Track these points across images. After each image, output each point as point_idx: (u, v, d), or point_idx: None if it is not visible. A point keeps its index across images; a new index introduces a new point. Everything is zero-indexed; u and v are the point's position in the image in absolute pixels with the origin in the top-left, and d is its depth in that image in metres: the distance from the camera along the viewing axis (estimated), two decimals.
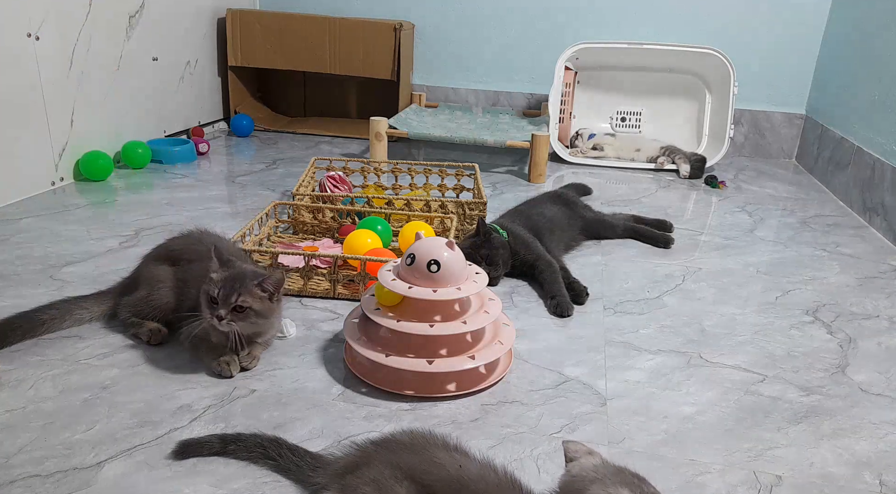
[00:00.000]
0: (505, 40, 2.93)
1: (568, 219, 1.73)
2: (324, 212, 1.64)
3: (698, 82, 2.72)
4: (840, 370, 1.22)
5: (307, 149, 2.58)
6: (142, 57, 2.29)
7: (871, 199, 2.08)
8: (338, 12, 2.84)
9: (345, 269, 1.38)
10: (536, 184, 2.29)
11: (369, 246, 1.42)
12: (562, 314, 1.35)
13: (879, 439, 1.03)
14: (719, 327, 1.36)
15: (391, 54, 2.68)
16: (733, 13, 2.75)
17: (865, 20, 2.35)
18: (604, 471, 0.66)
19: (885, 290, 1.58)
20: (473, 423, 1.00)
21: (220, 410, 0.99)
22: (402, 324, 1.04)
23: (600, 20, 2.83)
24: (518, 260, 1.50)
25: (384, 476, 0.72)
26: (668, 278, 1.58)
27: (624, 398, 1.09)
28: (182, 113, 2.57)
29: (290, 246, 1.57)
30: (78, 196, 1.90)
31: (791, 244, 1.85)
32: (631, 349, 1.25)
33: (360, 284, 1.36)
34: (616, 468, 0.68)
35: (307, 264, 1.35)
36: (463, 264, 1.09)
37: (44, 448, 0.88)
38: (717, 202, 2.23)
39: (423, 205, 1.68)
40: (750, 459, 0.96)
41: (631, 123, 2.81)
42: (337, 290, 1.36)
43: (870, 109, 2.20)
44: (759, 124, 2.88)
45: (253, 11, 2.80)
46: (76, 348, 1.12)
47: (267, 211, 1.58)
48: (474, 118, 2.78)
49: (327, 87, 3.05)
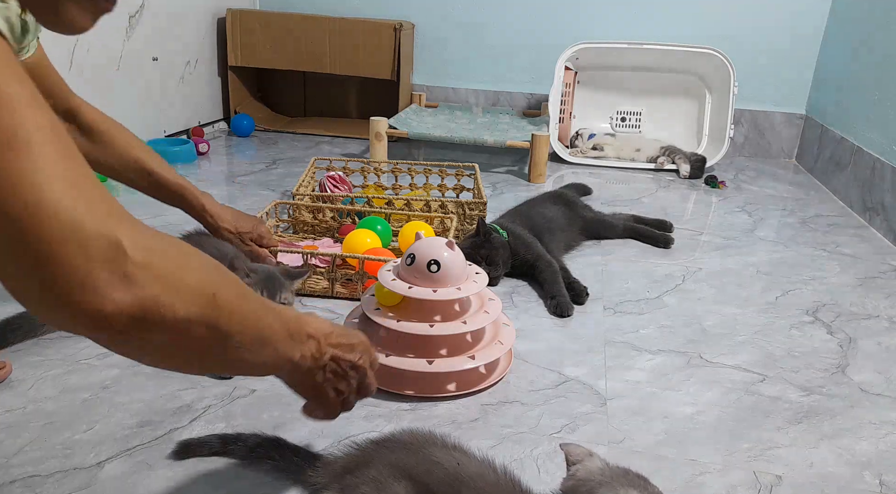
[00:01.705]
0: (505, 40, 2.93)
1: (568, 219, 1.73)
2: (324, 212, 1.64)
3: (698, 82, 2.72)
4: (840, 370, 1.22)
5: (307, 149, 2.58)
6: (142, 57, 2.29)
7: (871, 199, 2.08)
8: (338, 12, 2.84)
9: (343, 268, 1.38)
10: (536, 184, 2.29)
11: (368, 245, 1.42)
12: (562, 314, 1.35)
13: (879, 439, 1.03)
14: (719, 327, 1.36)
15: (391, 54, 2.68)
16: (733, 13, 2.75)
17: (865, 20, 2.35)
18: (610, 474, 0.67)
19: (885, 290, 1.58)
20: (473, 423, 1.00)
21: (220, 410, 0.99)
22: (402, 324, 1.04)
23: (600, 20, 2.83)
24: (518, 260, 1.50)
25: (383, 476, 0.73)
26: (668, 278, 1.58)
27: (624, 398, 1.09)
28: (182, 113, 2.57)
29: (290, 244, 1.57)
30: None
31: (791, 244, 1.85)
32: (631, 349, 1.25)
33: (359, 283, 1.36)
34: (621, 470, 0.68)
35: (305, 263, 1.35)
36: (463, 264, 1.09)
37: (44, 448, 0.88)
38: (717, 202, 2.23)
39: (423, 205, 1.68)
40: (750, 459, 0.96)
41: (631, 123, 2.81)
42: (335, 289, 1.36)
43: (870, 109, 2.20)
44: (759, 124, 2.88)
45: (253, 11, 2.80)
46: (76, 348, 1.12)
47: (267, 210, 1.58)
48: (474, 118, 2.78)
49: (327, 87, 3.05)
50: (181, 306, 0.50)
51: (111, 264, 0.46)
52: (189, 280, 0.52)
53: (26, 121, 0.44)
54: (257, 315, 0.60)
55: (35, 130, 0.44)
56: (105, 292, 0.45)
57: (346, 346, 0.73)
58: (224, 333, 0.55)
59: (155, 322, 0.49)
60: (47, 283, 0.44)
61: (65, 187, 0.45)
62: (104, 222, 0.46)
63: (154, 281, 0.48)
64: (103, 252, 0.45)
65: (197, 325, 0.52)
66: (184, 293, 0.51)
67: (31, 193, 0.43)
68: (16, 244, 0.43)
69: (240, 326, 0.57)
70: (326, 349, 0.70)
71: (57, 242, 0.44)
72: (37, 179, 0.43)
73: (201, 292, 0.52)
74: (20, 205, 0.43)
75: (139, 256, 0.47)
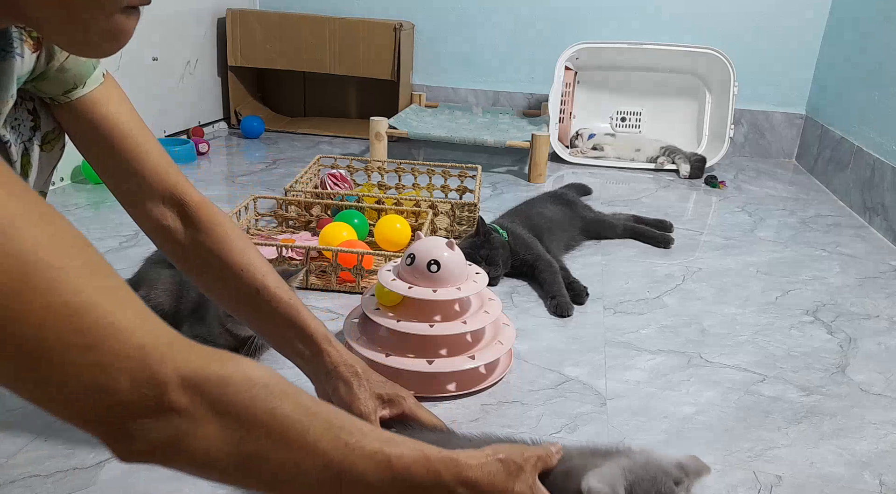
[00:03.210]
0: (505, 40, 2.93)
1: (568, 219, 1.73)
2: (311, 207, 1.66)
3: (698, 82, 2.72)
4: (840, 370, 1.22)
5: (307, 149, 2.58)
6: (142, 57, 2.29)
7: (871, 199, 2.08)
8: (338, 12, 2.84)
9: (319, 260, 1.45)
10: (536, 184, 2.29)
11: (344, 238, 1.44)
12: (562, 314, 1.35)
13: (879, 439, 1.03)
14: (719, 327, 1.36)
15: (391, 54, 2.68)
16: (733, 13, 2.75)
17: (865, 20, 2.35)
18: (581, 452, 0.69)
19: (885, 290, 1.58)
20: (473, 423, 1.00)
21: None
22: (402, 324, 1.04)
23: (600, 20, 2.83)
24: (518, 260, 1.50)
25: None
26: (668, 278, 1.58)
27: (624, 398, 1.09)
28: (182, 113, 2.57)
29: (267, 238, 1.58)
30: (77, 197, 1.90)
31: (791, 244, 1.85)
32: (631, 349, 1.25)
33: (332, 275, 1.39)
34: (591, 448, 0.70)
35: (279, 255, 1.40)
36: (463, 264, 1.09)
37: (44, 448, 0.88)
38: (717, 202, 2.23)
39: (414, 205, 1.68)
40: (750, 459, 0.96)
41: (631, 123, 2.81)
42: (309, 280, 1.40)
43: (870, 109, 2.20)
44: (759, 124, 2.88)
45: (253, 11, 2.80)
46: None
47: (245, 204, 1.61)
48: (474, 118, 2.78)
49: (327, 87, 3.05)
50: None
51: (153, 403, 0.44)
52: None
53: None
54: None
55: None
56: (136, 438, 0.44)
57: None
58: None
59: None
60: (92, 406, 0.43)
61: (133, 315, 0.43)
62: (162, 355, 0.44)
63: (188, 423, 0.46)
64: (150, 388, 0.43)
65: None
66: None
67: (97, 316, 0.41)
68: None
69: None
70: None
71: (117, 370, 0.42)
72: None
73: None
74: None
75: (184, 400, 0.45)
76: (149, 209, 0.81)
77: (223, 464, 0.48)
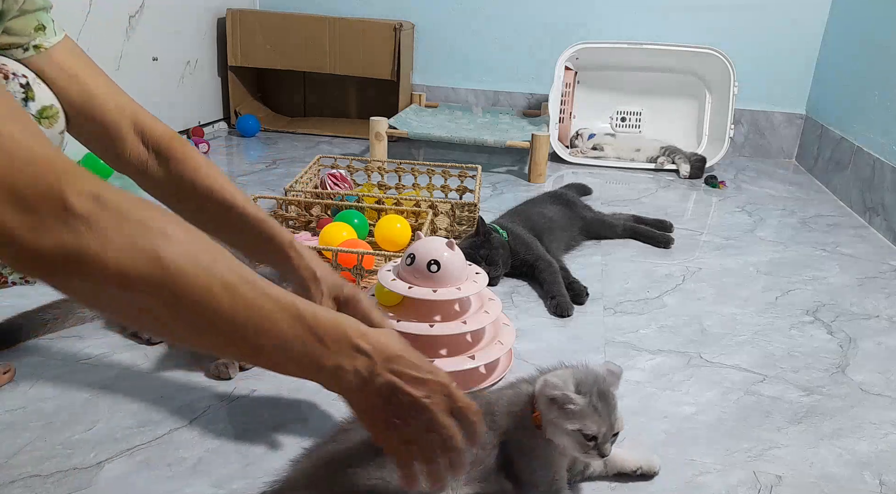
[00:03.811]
0: (505, 40, 2.93)
1: (568, 219, 1.73)
2: (311, 207, 1.65)
3: (698, 82, 2.72)
4: (840, 370, 1.22)
5: (307, 149, 2.58)
6: (142, 57, 2.29)
7: (871, 199, 2.08)
8: (338, 12, 2.83)
9: None
10: (536, 184, 2.29)
11: (344, 238, 1.43)
12: (562, 314, 1.35)
13: (879, 439, 1.03)
14: (719, 327, 1.36)
15: (391, 54, 2.68)
16: (733, 13, 2.75)
17: (865, 20, 2.35)
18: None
19: (885, 290, 1.58)
20: None
21: (220, 410, 0.99)
22: (402, 324, 1.04)
23: (600, 20, 2.83)
24: (518, 260, 1.50)
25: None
26: (668, 278, 1.58)
27: (624, 398, 1.09)
28: (182, 113, 2.57)
29: None
30: None
31: (791, 244, 1.85)
32: (631, 349, 1.25)
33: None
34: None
35: None
36: (463, 264, 1.09)
37: (44, 448, 0.88)
38: (717, 202, 2.23)
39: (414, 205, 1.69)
40: (750, 459, 0.96)
41: (631, 123, 2.81)
42: None
43: (870, 109, 2.20)
44: (759, 124, 2.88)
45: (253, 11, 2.80)
46: (76, 348, 1.12)
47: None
48: (474, 118, 2.78)
49: (327, 87, 3.05)
50: (113, 261, 0.52)
51: (55, 205, 0.51)
52: (138, 240, 0.53)
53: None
54: (248, 299, 0.57)
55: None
56: (43, 230, 0.50)
57: (410, 377, 0.64)
58: (174, 302, 0.54)
59: (83, 271, 0.51)
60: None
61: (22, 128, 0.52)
62: (55, 160, 0.53)
63: (87, 231, 0.51)
64: (51, 191, 0.51)
65: (139, 284, 0.53)
66: (123, 250, 0.52)
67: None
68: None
69: (202, 300, 0.55)
70: (382, 371, 0.62)
71: (12, 171, 0.50)
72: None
73: (144, 252, 0.53)
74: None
75: (84, 206, 0.51)
76: (127, 153, 0.89)
77: (127, 281, 0.53)
